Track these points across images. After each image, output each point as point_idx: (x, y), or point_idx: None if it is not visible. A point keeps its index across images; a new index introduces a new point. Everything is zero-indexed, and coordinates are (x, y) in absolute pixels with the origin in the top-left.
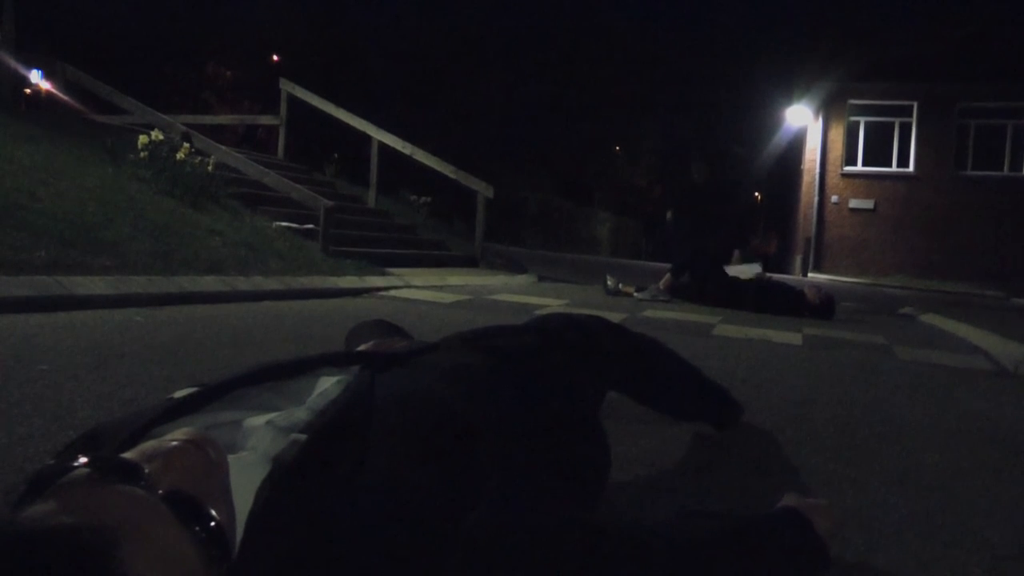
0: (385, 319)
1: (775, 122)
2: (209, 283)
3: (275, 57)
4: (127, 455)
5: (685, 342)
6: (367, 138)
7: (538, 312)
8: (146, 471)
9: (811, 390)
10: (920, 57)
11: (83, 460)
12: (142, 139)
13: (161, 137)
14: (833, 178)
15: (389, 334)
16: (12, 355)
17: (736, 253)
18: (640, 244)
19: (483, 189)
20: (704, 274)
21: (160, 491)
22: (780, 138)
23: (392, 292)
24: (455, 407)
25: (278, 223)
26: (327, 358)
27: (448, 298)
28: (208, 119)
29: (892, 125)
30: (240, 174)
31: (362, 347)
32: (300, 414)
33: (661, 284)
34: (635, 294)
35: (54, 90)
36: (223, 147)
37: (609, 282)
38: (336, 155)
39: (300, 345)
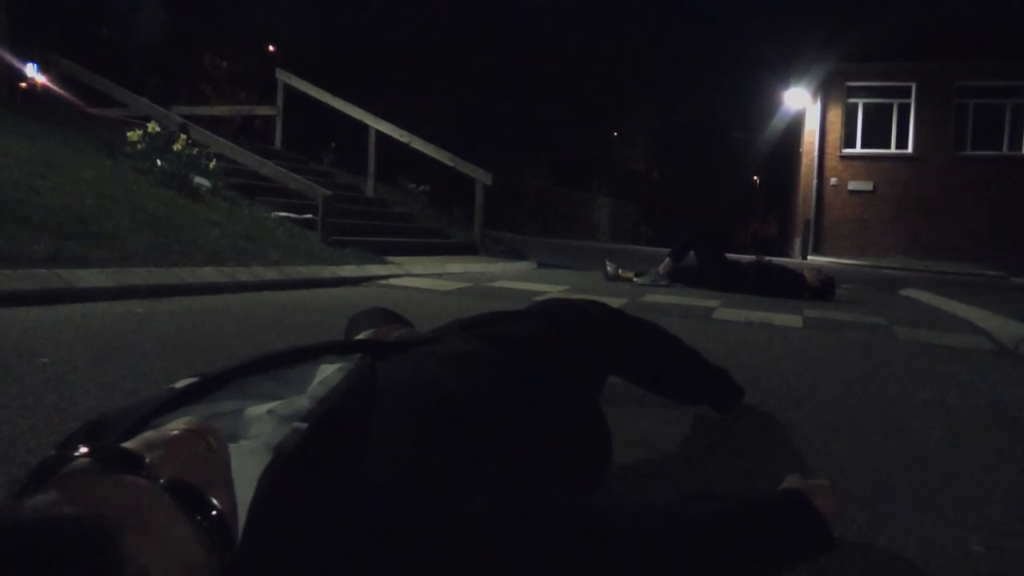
0: (385, 307)
1: (773, 105)
2: (209, 274)
3: (271, 47)
4: (128, 445)
5: (686, 326)
6: (365, 127)
7: (538, 298)
8: (147, 461)
9: (812, 372)
10: (918, 37)
11: (84, 450)
12: (131, 135)
13: (158, 129)
14: (832, 160)
15: (389, 322)
16: (13, 349)
17: None
18: (640, 229)
19: (481, 176)
20: (708, 257)
21: (162, 480)
22: (778, 121)
23: (392, 280)
24: (456, 394)
25: (277, 213)
26: (328, 346)
27: (448, 286)
28: (205, 110)
29: (890, 106)
30: (238, 165)
31: (362, 335)
32: (301, 402)
33: (661, 269)
34: (635, 279)
35: (49, 83)
36: (220, 138)
37: (609, 267)
38: (334, 144)
39: (300, 334)
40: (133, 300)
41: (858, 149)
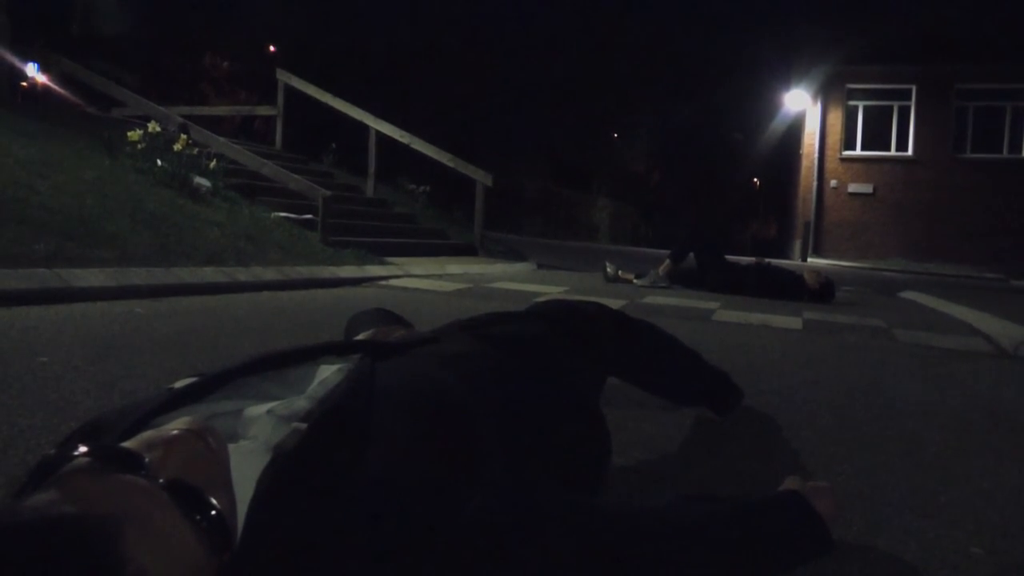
0: (385, 308)
1: (773, 107)
2: (209, 274)
3: (271, 47)
4: (128, 444)
5: (685, 327)
6: (365, 127)
7: (538, 299)
8: (147, 460)
9: (811, 374)
10: (918, 40)
11: (84, 449)
12: (131, 135)
13: (158, 129)
14: (832, 162)
15: (389, 323)
16: (12, 348)
17: None
18: (639, 230)
19: (482, 177)
20: (707, 259)
21: (161, 480)
22: (778, 123)
23: (392, 281)
24: (456, 394)
25: (277, 213)
26: (327, 347)
27: (448, 286)
28: (205, 110)
29: (891, 109)
30: (238, 165)
31: (362, 335)
32: (301, 403)
33: (660, 270)
34: (635, 280)
35: (50, 83)
36: (221, 138)
37: (608, 269)
38: (334, 145)
39: (300, 334)
40: (133, 300)
41: (858, 151)
